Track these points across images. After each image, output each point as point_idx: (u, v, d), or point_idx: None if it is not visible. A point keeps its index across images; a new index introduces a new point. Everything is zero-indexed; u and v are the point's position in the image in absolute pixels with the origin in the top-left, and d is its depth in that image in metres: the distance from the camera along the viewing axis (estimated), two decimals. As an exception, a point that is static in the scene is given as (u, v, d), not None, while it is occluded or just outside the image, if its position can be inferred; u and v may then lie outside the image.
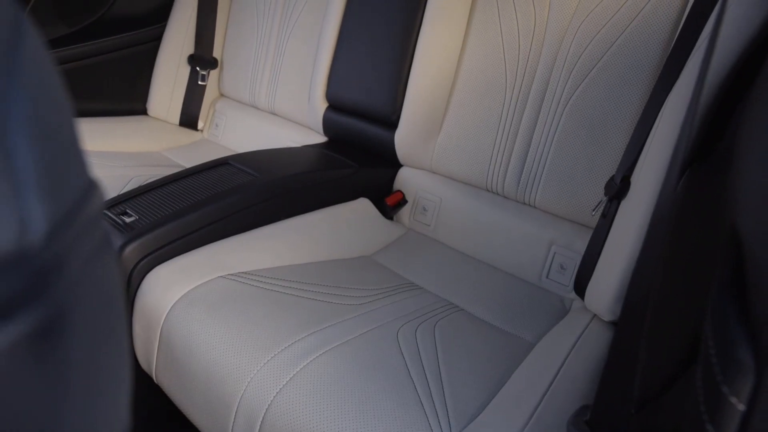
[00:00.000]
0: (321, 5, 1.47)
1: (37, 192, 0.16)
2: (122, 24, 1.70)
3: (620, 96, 1.04)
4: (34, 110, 0.17)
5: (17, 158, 0.16)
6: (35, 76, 0.17)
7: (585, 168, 1.08)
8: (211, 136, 1.75)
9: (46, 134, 0.17)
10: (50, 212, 0.17)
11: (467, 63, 1.22)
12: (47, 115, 0.17)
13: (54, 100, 0.18)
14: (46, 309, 0.16)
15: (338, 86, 1.36)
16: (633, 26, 1.03)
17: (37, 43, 0.18)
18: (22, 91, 0.16)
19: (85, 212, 0.19)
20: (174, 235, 0.95)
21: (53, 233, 0.17)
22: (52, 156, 0.17)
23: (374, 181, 1.30)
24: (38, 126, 0.17)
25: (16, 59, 0.16)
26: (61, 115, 0.19)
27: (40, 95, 0.17)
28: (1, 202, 0.15)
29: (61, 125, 0.18)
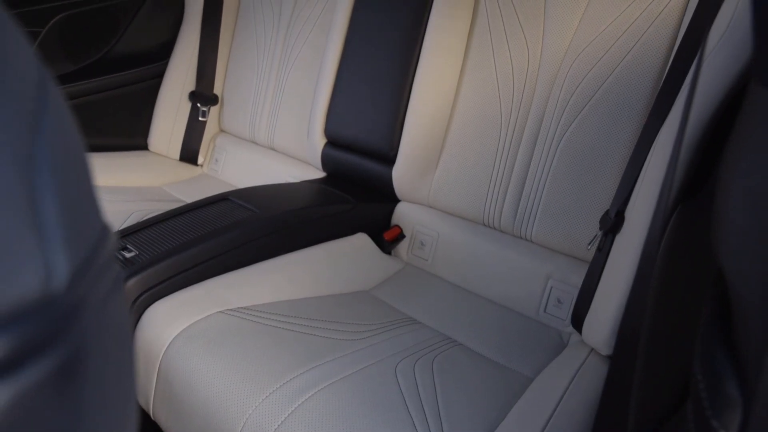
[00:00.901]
0: (320, 43, 1.51)
1: (61, 241, 0.17)
2: (126, 61, 1.74)
3: (613, 132, 1.06)
4: (58, 165, 0.18)
5: (43, 211, 0.17)
6: (58, 132, 0.19)
7: (580, 202, 1.10)
8: (211, 171, 1.77)
9: (68, 186, 0.18)
10: (71, 259, 0.18)
11: (463, 100, 1.25)
12: (69, 168, 0.19)
13: (74, 152, 0.20)
14: (67, 349, 0.17)
15: (337, 122, 1.39)
16: (623, 65, 1.05)
17: (59, 99, 0.20)
18: (47, 148, 0.18)
19: (101, 256, 0.20)
20: (173, 270, 0.95)
21: (74, 279, 0.18)
22: (73, 206, 0.18)
23: (372, 216, 1.32)
24: (61, 179, 0.18)
25: (42, 118, 0.18)
26: (80, 166, 0.20)
27: (63, 149, 0.19)
28: (29, 252, 0.16)
29: (81, 175, 0.20)
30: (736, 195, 0.27)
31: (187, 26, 1.75)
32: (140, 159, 1.74)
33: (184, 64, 1.75)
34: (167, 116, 1.76)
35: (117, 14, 1.71)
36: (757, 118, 0.27)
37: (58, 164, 0.18)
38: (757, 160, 0.26)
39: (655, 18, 1.02)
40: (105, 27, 1.70)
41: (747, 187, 0.26)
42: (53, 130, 0.18)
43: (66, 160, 0.19)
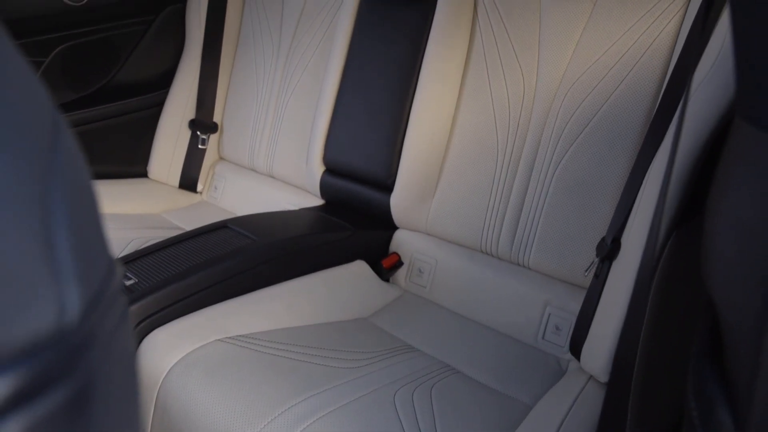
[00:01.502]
0: (319, 71, 1.53)
1: (74, 276, 0.18)
2: (127, 90, 1.76)
3: (608, 159, 1.08)
4: (71, 202, 0.19)
5: (57, 247, 0.18)
6: (71, 169, 0.20)
7: (577, 229, 1.11)
8: (210, 198, 1.78)
9: (80, 222, 0.19)
10: (83, 294, 0.18)
11: (460, 128, 1.26)
12: (81, 205, 0.20)
13: (85, 189, 0.20)
14: (78, 381, 0.18)
15: (335, 150, 1.40)
16: (617, 94, 1.07)
17: (70, 138, 0.21)
18: (61, 186, 0.19)
19: (109, 289, 0.20)
20: (172, 298, 0.96)
21: (85, 313, 0.18)
22: (85, 241, 0.19)
23: (370, 244, 1.32)
24: (74, 216, 0.19)
25: (56, 157, 0.19)
26: (90, 202, 0.21)
27: (75, 186, 0.19)
28: (44, 287, 0.17)
29: (91, 211, 0.20)
30: (722, 226, 0.28)
31: (187, 55, 1.78)
32: (140, 186, 1.75)
33: (185, 92, 1.77)
34: (167, 144, 1.78)
35: (119, 44, 1.74)
36: (741, 152, 0.28)
37: (71, 201, 0.19)
38: (741, 192, 0.27)
39: (647, 48, 1.04)
40: (107, 56, 1.73)
41: (733, 218, 0.27)
42: (66, 169, 0.19)
43: (78, 196, 0.20)
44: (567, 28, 1.13)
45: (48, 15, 1.57)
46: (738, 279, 0.27)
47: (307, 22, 1.56)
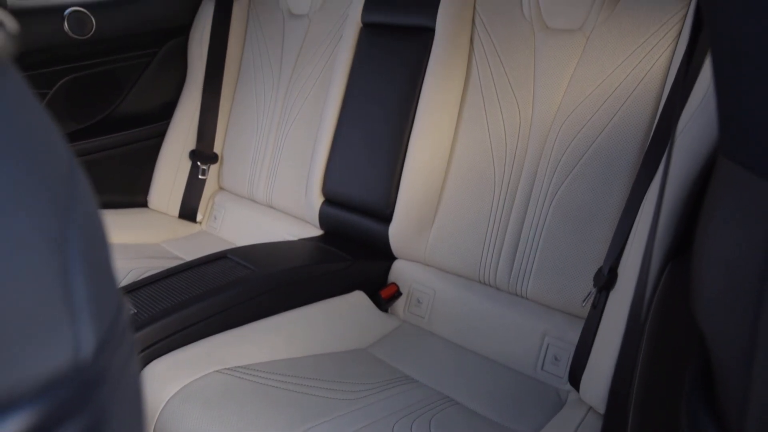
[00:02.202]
0: (319, 103, 1.55)
1: (88, 315, 0.19)
2: (129, 121, 1.78)
3: (603, 190, 1.09)
4: (86, 244, 0.20)
5: (74, 288, 0.19)
6: (85, 213, 0.21)
7: (574, 259, 1.12)
8: (210, 228, 1.79)
9: (94, 263, 0.20)
10: (97, 331, 0.19)
11: (457, 159, 1.28)
12: (94, 246, 0.21)
13: (98, 230, 0.21)
14: (91, 416, 0.18)
15: (335, 181, 1.42)
16: (611, 125, 1.09)
17: (85, 182, 0.22)
18: (77, 229, 0.20)
19: (120, 325, 0.21)
20: (171, 329, 0.96)
21: (99, 349, 0.19)
22: (98, 281, 0.20)
23: (369, 274, 1.33)
24: (89, 257, 0.20)
25: (72, 201, 0.20)
26: (103, 243, 0.22)
27: (90, 229, 0.20)
28: (61, 326, 0.18)
29: (104, 252, 0.21)
30: (709, 262, 0.29)
31: (189, 87, 1.81)
32: (139, 216, 1.76)
33: (186, 123, 1.80)
34: (168, 174, 1.80)
35: (122, 76, 1.77)
36: (725, 189, 0.29)
37: (86, 243, 0.20)
38: (726, 230, 0.28)
39: (640, 81, 1.07)
40: (110, 88, 1.76)
41: (719, 255, 0.28)
42: (82, 212, 0.20)
43: (92, 238, 0.20)
44: (561, 62, 1.15)
45: (53, 48, 1.60)
46: (725, 315, 0.28)
47: (308, 53, 1.59)
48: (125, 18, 1.73)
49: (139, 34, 1.76)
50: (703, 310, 0.30)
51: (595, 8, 1.11)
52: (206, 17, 1.77)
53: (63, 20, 1.59)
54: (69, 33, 1.61)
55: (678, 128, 0.76)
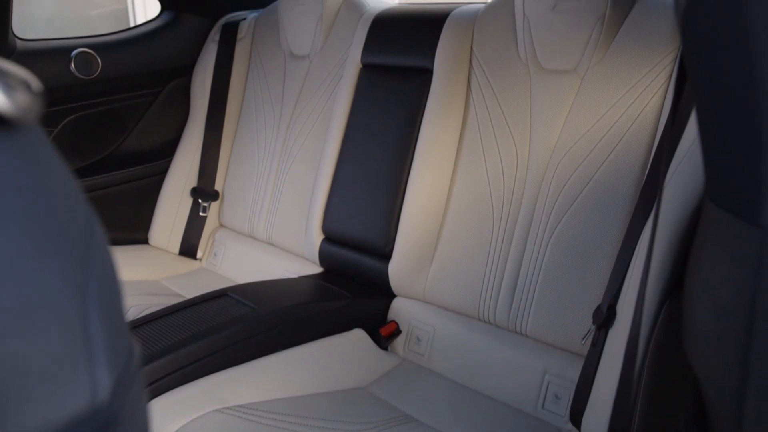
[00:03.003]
0: (319, 141, 1.58)
1: (105, 359, 0.20)
2: (131, 159, 1.81)
3: (601, 227, 1.10)
4: (102, 290, 0.21)
5: (92, 333, 0.19)
6: (102, 260, 0.22)
7: (573, 296, 1.12)
8: (210, 265, 1.79)
9: (110, 308, 0.21)
10: (112, 374, 0.20)
11: (456, 197, 1.29)
12: (110, 290, 0.22)
13: (113, 275, 0.22)
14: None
15: (334, 219, 1.43)
16: (607, 163, 1.11)
17: (100, 229, 0.23)
18: (95, 276, 0.21)
19: (132, 368, 0.22)
20: (171, 367, 0.96)
21: (114, 392, 0.20)
22: (113, 326, 0.21)
23: (369, 312, 1.33)
24: (105, 303, 0.21)
25: (90, 251, 0.21)
26: (117, 288, 0.23)
27: (105, 276, 0.21)
28: (80, 370, 0.19)
29: (118, 297, 0.22)
30: (699, 304, 0.29)
31: (191, 125, 1.84)
32: (140, 253, 1.77)
33: (188, 161, 1.82)
34: (169, 211, 1.81)
35: (126, 114, 1.80)
36: (712, 233, 0.30)
37: (102, 289, 0.21)
38: (714, 272, 0.28)
39: (634, 121, 1.09)
40: (114, 126, 1.79)
41: (708, 298, 0.28)
42: (98, 259, 0.21)
43: (107, 284, 0.21)
44: (557, 101, 1.18)
45: (60, 88, 1.63)
46: (716, 357, 0.28)
47: (308, 93, 1.62)
48: (131, 58, 1.77)
49: (144, 73, 1.80)
50: (695, 351, 0.31)
51: (589, 50, 1.14)
52: (209, 57, 1.81)
53: (70, 61, 1.63)
54: (75, 73, 1.64)
55: (669, 171, 0.78)
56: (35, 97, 0.20)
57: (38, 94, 0.21)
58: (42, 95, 0.21)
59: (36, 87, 0.20)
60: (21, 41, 1.59)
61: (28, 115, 0.20)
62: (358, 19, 1.51)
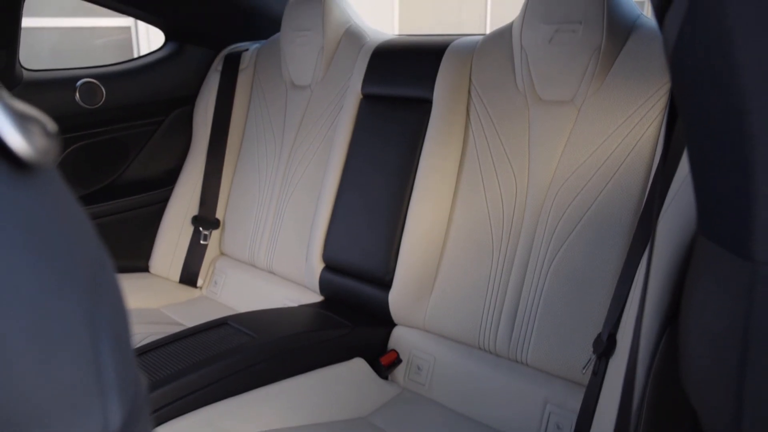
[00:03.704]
0: (320, 170, 1.59)
1: (116, 391, 0.20)
2: (133, 187, 1.82)
3: (600, 256, 1.11)
4: (112, 323, 0.21)
5: (104, 366, 0.20)
6: (112, 292, 0.22)
7: (573, 325, 1.12)
8: (210, 293, 1.79)
9: (120, 341, 0.22)
10: (123, 405, 0.21)
11: (456, 226, 1.30)
12: (119, 324, 0.22)
13: (122, 307, 0.23)
14: None
15: (335, 247, 1.44)
16: (605, 193, 1.12)
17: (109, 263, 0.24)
18: (106, 309, 0.21)
19: (140, 398, 0.23)
20: (170, 397, 0.95)
21: (124, 423, 0.20)
22: (123, 356, 0.22)
23: (369, 341, 1.33)
24: (115, 335, 0.21)
25: (101, 286, 0.21)
26: (126, 321, 0.23)
27: (115, 308, 0.22)
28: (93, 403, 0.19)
29: (126, 329, 0.23)
30: (694, 335, 0.30)
31: (193, 154, 1.85)
32: (140, 281, 1.77)
33: (189, 189, 1.83)
34: (170, 240, 1.82)
35: (128, 143, 1.82)
36: (704, 265, 0.30)
37: (113, 321, 0.21)
38: (708, 303, 0.29)
39: (630, 150, 1.10)
40: (116, 155, 1.81)
41: (702, 329, 0.29)
42: (109, 292, 0.22)
43: (118, 316, 0.22)
44: (554, 132, 1.19)
45: (64, 117, 1.65)
46: (711, 387, 0.29)
47: (309, 122, 1.64)
48: (135, 88, 1.79)
49: (148, 103, 1.82)
50: (691, 382, 0.31)
51: (585, 81, 1.16)
52: (212, 87, 1.84)
53: (75, 91, 1.65)
54: (80, 103, 1.66)
55: (666, 201, 0.78)
56: (52, 140, 0.21)
57: (55, 135, 0.22)
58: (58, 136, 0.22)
59: (52, 128, 0.21)
60: (27, 71, 1.61)
61: (46, 158, 0.20)
62: (359, 51, 1.54)
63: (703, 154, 0.32)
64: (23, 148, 0.20)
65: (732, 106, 0.30)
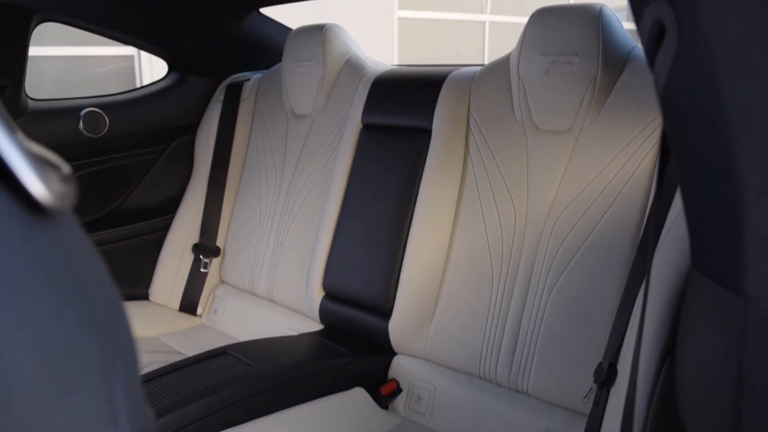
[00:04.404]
0: (320, 199, 1.60)
1: (129, 427, 0.21)
2: (134, 215, 1.83)
3: (600, 284, 1.11)
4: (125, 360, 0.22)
5: (117, 403, 0.21)
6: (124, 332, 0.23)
7: (574, 354, 1.12)
8: (210, 322, 1.79)
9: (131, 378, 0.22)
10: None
11: (455, 254, 1.31)
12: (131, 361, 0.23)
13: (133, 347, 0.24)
14: None
15: (335, 276, 1.44)
16: (603, 221, 1.13)
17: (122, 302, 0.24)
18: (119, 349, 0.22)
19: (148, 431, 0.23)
20: (170, 427, 0.95)
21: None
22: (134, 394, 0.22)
23: (369, 370, 1.32)
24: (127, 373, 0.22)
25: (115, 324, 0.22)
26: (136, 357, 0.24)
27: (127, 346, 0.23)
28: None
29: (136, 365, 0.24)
30: (690, 368, 0.30)
31: (194, 182, 1.87)
32: (139, 309, 1.77)
33: (190, 217, 1.84)
34: (170, 267, 1.82)
35: (130, 171, 1.83)
36: (699, 299, 0.31)
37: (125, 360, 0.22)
38: (702, 337, 0.30)
39: (628, 180, 1.11)
40: (118, 183, 1.82)
41: (697, 362, 0.30)
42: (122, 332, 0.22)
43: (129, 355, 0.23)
44: (553, 161, 1.21)
45: (68, 146, 1.67)
46: (709, 422, 0.29)
47: (310, 151, 1.65)
48: (137, 117, 1.81)
49: (150, 132, 1.84)
50: (689, 415, 0.32)
51: (582, 111, 1.18)
52: (213, 116, 1.86)
53: (79, 120, 1.67)
54: (83, 132, 1.68)
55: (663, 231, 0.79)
56: (69, 184, 0.22)
57: (71, 180, 0.22)
58: (74, 181, 0.23)
59: (68, 172, 0.22)
60: (32, 101, 1.64)
61: (65, 203, 0.21)
62: (359, 81, 1.56)
63: (695, 191, 0.33)
64: (42, 193, 0.20)
65: (721, 146, 0.31)
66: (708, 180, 0.31)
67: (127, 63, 5.12)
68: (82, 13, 1.61)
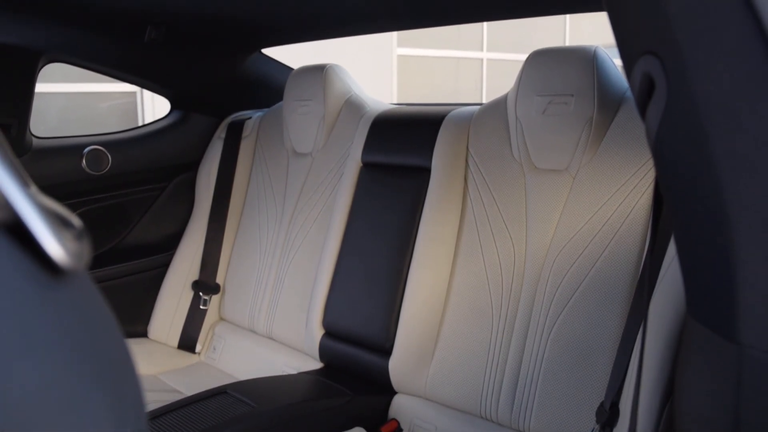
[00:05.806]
0: (320, 238, 1.61)
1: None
2: (134, 251, 1.83)
3: (600, 322, 1.11)
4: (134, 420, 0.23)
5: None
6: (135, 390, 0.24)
7: (575, 393, 1.11)
8: (208, 359, 1.78)
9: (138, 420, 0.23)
10: None
11: (455, 292, 1.31)
12: (139, 419, 0.23)
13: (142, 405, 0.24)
14: None
15: (335, 314, 1.44)
16: (602, 259, 1.14)
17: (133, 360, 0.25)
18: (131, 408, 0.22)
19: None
20: (167, 470, 0.94)
21: None
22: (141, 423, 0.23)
23: (369, 410, 1.31)
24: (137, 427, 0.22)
25: (127, 383, 0.23)
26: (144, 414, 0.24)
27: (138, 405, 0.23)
28: None
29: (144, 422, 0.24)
30: (686, 414, 0.31)
31: (195, 219, 1.88)
32: (138, 347, 1.75)
33: (190, 254, 1.84)
34: (169, 305, 1.82)
35: (131, 208, 1.84)
36: (694, 346, 0.32)
37: (135, 419, 0.23)
38: (698, 384, 0.30)
39: (626, 218, 1.12)
40: (119, 219, 1.83)
41: (693, 408, 0.30)
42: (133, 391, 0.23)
43: (138, 413, 0.23)
44: (551, 199, 1.22)
45: (71, 182, 1.68)
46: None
47: (310, 189, 1.67)
48: (140, 155, 1.83)
49: (152, 169, 1.86)
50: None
51: (579, 150, 1.19)
52: (215, 154, 1.88)
53: (82, 158, 1.69)
54: (86, 169, 1.70)
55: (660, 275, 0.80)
56: (84, 244, 0.23)
57: (86, 239, 0.23)
58: (88, 238, 0.24)
59: (82, 230, 0.23)
60: (37, 139, 1.66)
61: (80, 263, 0.22)
62: (359, 120, 1.58)
63: (688, 238, 0.34)
64: (60, 254, 0.21)
65: (710, 196, 0.32)
66: (700, 228, 0.32)
67: (129, 99, 5.19)
68: (88, 54, 1.65)
